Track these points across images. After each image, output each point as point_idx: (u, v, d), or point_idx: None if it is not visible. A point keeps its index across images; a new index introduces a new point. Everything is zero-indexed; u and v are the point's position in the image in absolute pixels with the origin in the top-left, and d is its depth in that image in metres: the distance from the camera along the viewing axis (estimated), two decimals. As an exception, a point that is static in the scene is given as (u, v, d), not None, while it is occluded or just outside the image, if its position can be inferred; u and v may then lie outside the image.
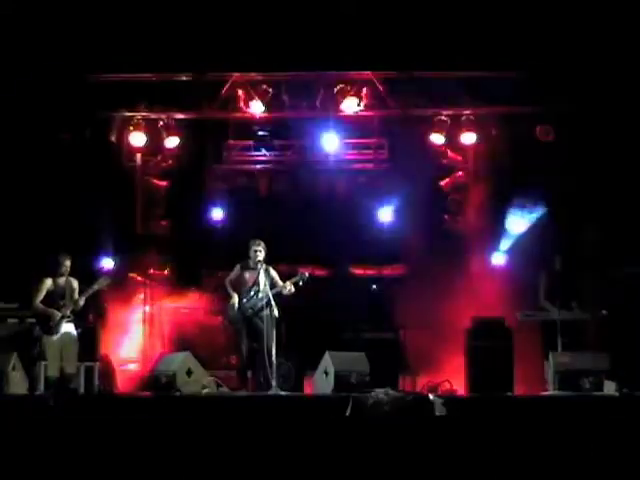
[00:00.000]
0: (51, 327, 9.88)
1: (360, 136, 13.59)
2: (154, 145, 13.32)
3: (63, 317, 9.87)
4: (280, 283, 10.51)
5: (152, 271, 12.53)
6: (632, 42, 11.64)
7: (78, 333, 10.17)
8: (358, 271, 13.42)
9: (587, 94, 12.11)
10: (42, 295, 10.01)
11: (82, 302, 9.94)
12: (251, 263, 10.54)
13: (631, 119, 12.03)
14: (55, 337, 9.88)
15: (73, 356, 10.00)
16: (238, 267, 10.65)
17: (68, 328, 9.95)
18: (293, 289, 10.48)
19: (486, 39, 11.82)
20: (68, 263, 10.05)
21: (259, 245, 10.51)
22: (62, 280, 10.04)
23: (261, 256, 10.48)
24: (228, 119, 13.41)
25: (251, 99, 12.89)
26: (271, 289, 10.35)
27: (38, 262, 10.50)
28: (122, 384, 11.64)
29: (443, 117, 12.95)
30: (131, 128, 13.04)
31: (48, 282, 10.03)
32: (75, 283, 10.04)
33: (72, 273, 10.16)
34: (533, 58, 12.00)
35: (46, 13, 11.81)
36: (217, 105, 13.10)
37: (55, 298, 9.96)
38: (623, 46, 11.69)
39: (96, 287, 10.05)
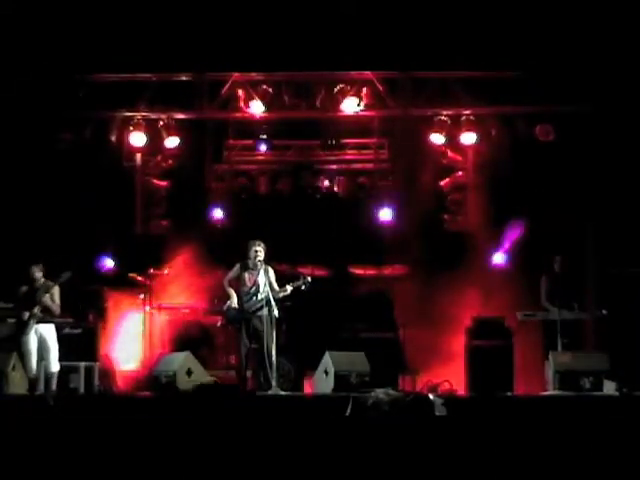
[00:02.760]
0: (21, 327, 9.93)
1: (360, 136, 13.59)
2: (154, 145, 13.31)
3: (31, 316, 9.87)
4: (276, 286, 10.46)
5: (152, 271, 12.51)
6: (632, 42, 11.65)
7: (77, 333, 10.16)
8: (358, 271, 13.41)
9: (587, 94, 12.12)
10: (19, 298, 10.07)
11: (45, 299, 9.88)
12: (250, 263, 10.52)
13: (631, 118, 12.03)
14: (28, 337, 9.90)
15: (53, 355, 9.97)
16: (238, 267, 10.62)
17: (44, 328, 9.96)
18: (288, 291, 10.46)
19: (486, 39, 11.84)
20: (37, 275, 10.03)
21: (259, 245, 10.49)
22: (39, 283, 10.03)
23: (261, 256, 10.45)
24: (228, 119, 13.43)
25: (251, 99, 12.90)
26: (271, 289, 10.35)
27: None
28: (122, 384, 11.64)
29: (443, 117, 12.94)
30: (131, 128, 13.04)
31: (24, 288, 10.06)
32: (55, 289, 9.97)
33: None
34: (533, 58, 12.01)
35: (45, 13, 11.83)
36: (217, 105, 13.11)
37: (29, 299, 9.98)
38: (623, 46, 11.70)
39: (58, 282, 10.00)
